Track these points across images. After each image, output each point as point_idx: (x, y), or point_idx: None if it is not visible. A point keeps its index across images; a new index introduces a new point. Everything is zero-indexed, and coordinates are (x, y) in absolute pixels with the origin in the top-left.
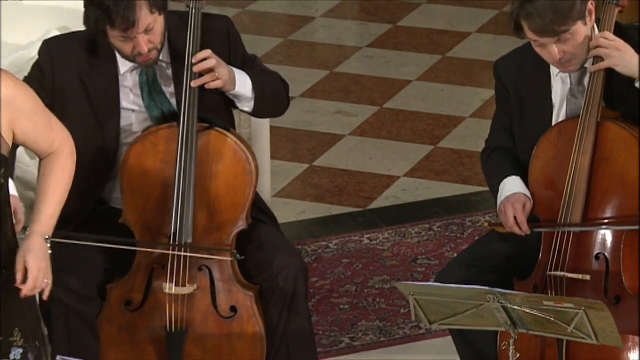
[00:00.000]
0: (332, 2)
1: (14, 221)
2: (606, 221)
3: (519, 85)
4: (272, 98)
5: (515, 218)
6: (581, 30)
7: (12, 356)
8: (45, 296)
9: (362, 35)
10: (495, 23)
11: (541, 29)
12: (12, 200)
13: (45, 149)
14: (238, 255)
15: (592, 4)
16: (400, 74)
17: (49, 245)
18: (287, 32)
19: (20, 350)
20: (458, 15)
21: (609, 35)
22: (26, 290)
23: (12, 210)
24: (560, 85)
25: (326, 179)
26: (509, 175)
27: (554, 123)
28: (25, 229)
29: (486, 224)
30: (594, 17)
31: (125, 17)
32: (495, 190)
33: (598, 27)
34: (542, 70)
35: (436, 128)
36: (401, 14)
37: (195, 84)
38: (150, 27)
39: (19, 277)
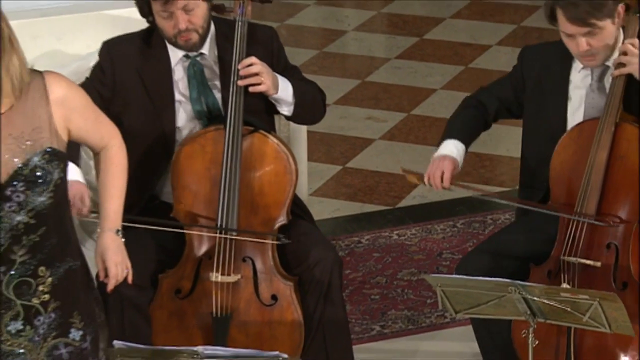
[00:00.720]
0: (363, 17)
1: (81, 205)
2: (618, 218)
3: (541, 75)
4: (310, 104)
5: (442, 174)
6: (609, 28)
7: (70, 336)
8: (129, 280)
9: (390, 48)
10: (514, 36)
11: (574, 16)
12: (79, 187)
13: (97, 143)
14: (283, 238)
15: (622, 7)
16: (426, 83)
17: (120, 235)
18: (321, 45)
19: (80, 332)
20: (479, 29)
21: (636, 42)
22: (110, 286)
23: (80, 197)
24: (581, 79)
25: (358, 180)
26: (457, 139)
27: (568, 114)
28: (92, 212)
29: (401, 170)
30: (622, 20)
31: None
32: (442, 138)
33: (624, 34)
34: (564, 63)
35: None
36: (427, 27)
37: (241, 82)
38: (190, 7)
39: (100, 274)
